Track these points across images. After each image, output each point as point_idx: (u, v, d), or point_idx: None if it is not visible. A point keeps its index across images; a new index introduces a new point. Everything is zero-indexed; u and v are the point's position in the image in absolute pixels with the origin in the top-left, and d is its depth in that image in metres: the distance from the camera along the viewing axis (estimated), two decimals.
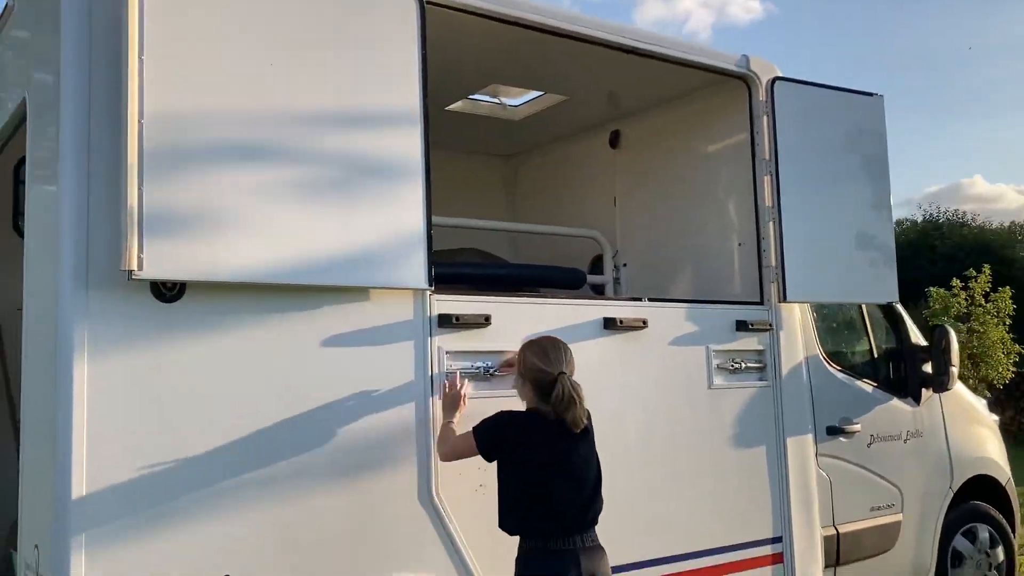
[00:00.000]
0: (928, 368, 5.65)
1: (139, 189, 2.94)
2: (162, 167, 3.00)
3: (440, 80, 4.94)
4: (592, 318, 4.18)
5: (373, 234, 3.47)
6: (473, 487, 3.71)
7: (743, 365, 4.69)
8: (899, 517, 5.40)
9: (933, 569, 5.61)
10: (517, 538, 3.45)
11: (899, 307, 5.80)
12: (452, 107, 5.50)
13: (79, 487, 2.91)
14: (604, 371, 4.19)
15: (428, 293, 3.66)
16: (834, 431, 5.13)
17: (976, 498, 5.95)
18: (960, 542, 5.85)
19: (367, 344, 3.52)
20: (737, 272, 5.08)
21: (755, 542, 4.66)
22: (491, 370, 3.82)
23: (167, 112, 3.03)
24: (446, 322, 3.70)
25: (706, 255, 5.28)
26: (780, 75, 4.96)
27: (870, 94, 5.27)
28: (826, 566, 4.96)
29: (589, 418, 3.49)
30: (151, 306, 3.08)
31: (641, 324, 4.30)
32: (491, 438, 3.41)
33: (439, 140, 6.01)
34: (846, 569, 5.10)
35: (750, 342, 4.75)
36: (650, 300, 4.50)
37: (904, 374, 5.71)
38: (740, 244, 5.06)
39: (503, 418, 3.45)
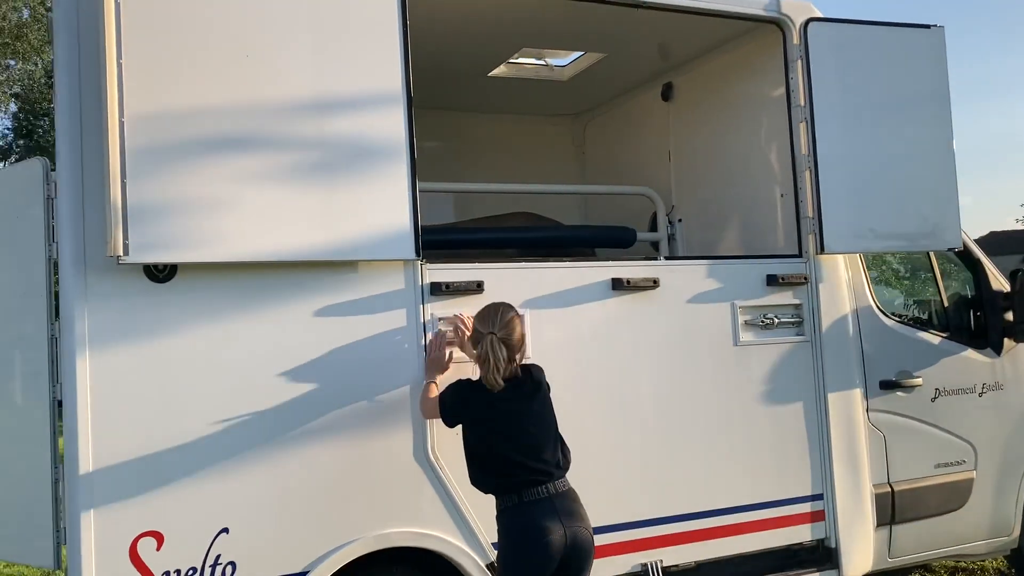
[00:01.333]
0: (1010, 316, 5.27)
1: (122, 182, 3.23)
2: (144, 161, 3.28)
3: (472, 48, 5.10)
4: (599, 279, 4.21)
5: (358, 210, 3.65)
6: None
7: (776, 320, 4.57)
8: (971, 474, 5.12)
9: (1017, 529, 5.29)
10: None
11: (979, 252, 5.43)
12: (494, 72, 5.57)
13: (86, 449, 3.28)
14: (613, 332, 4.21)
15: (419, 263, 3.81)
16: (889, 385, 4.90)
17: None
18: None
19: (359, 313, 3.73)
20: (780, 224, 4.93)
21: (793, 499, 4.58)
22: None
23: (147, 110, 3.30)
24: (438, 290, 3.84)
25: (752, 207, 5.15)
26: (816, 16, 4.72)
27: (927, 26, 4.93)
28: (879, 524, 4.79)
29: (538, 374, 3.57)
30: (145, 286, 3.40)
31: (652, 284, 4.28)
32: (447, 406, 3.56)
33: (501, 104, 6.23)
34: (907, 527, 4.89)
35: (784, 296, 4.63)
36: (666, 259, 4.47)
37: (984, 324, 5.36)
38: (782, 195, 4.90)
39: (454, 386, 3.58)
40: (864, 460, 4.75)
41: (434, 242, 4.87)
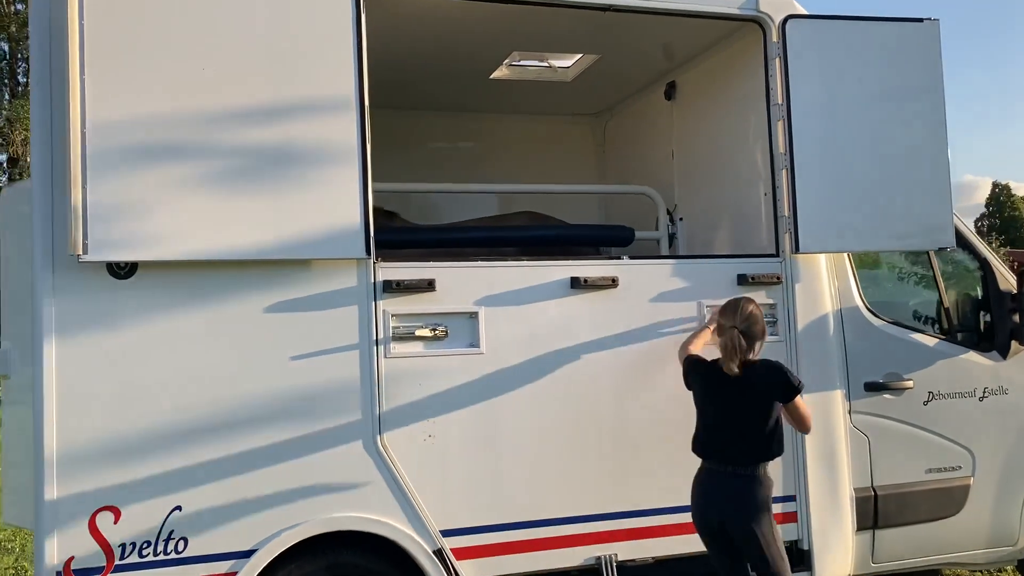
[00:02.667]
0: (1018, 319, 5.08)
1: (82, 187, 3.55)
2: (104, 166, 3.59)
3: (467, 52, 5.25)
4: (557, 278, 4.31)
5: (311, 211, 3.87)
6: (423, 437, 4.05)
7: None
8: (967, 481, 4.96)
9: (1023, 539, 5.09)
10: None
11: (987, 251, 5.25)
12: (495, 75, 5.70)
13: (51, 429, 3.61)
14: (572, 330, 4.30)
15: (372, 261, 4.00)
16: (875, 387, 4.81)
17: None
18: None
19: (312, 309, 3.94)
20: (764, 223, 4.90)
21: None
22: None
23: (107, 119, 3.60)
24: (390, 287, 4.03)
25: (745, 206, 5.12)
26: (796, 13, 4.68)
27: (920, 20, 4.81)
28: (861, 528, 4.71)
29: (769, 374, 3.95)
30: (108, 283, 3.71)
31: (610, 283, 4.34)
32: (687, 372, 4.15)
33: (522, 105, 6.36)
34: (892, 533, 4.80)
35: (757, 296, 4.60)
36: (631, 258, 4.52)
37: (991, 325, 5.18)
38: (765, 194, 4.87)
39: (697, 360, 4.14)
40: (843, 463, 4.68)
41: (424, 241, 5.12)
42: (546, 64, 5.85)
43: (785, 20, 4.63)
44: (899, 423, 4.86)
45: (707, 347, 4.27)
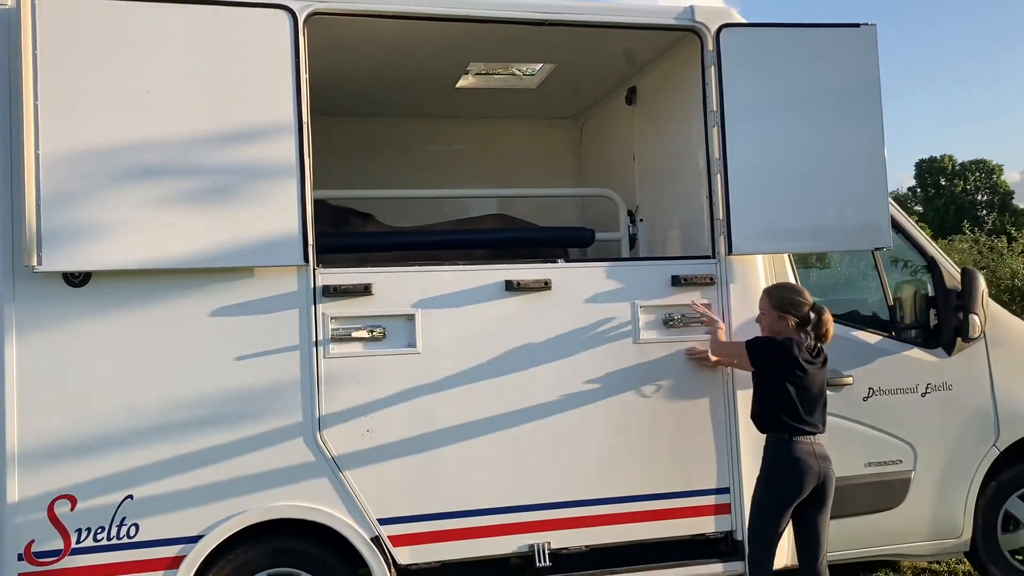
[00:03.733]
0: (962, 316, 5.17)
1: (36, 203, 3.87)
2: (56, 183, 3.90)
3: (427, 65, 5.49)
4: (492, 281, 4.54)
5: (252, 222, 4.15)
6: (361, 432, 4.32)
7: (681, 319, 4.74)
8: (908, 474, 5.08)
9: (967, 531, 5.19)
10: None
11: (934, 250, 5.35)
12: (460, 84, 5.93)
13: (11, 424, 3.95)
14: (507, 331, 4.53)
15: (311, 267, 4.27)
16: None
17: None
18: (1016, 505, 5.32)
19: (255, 313, 4.23)
20: (705, 226, 5.06)
21: (697, 491, 4.75)
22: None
23: (60, 141, 3.91)
24: (329, 292, 4.30)
25: (690, 208, 5.28)
26: (732, 22, 4.83)
27: (857, 25, 4.92)
28: None
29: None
30: (64, 291, 4.04)
31: (543, 285, 4.56)
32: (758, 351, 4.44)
33: (497, 110, 6.58)
34: (833, 524, 4.92)
35: (693, 296, 4.78)
36: (565, 261, 4.72)
37: (937, 323, 5.28)
38: (707, 197, 5.02)
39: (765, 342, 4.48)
40: None
41: (382, 245, 5.38)
42: (511, 72, 6.07)
43: (720, 29, 4.79)
44: (838, 418, 4.97)
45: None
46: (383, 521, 4.33)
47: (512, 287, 4.53)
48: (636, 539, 4.65)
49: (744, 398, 4.78)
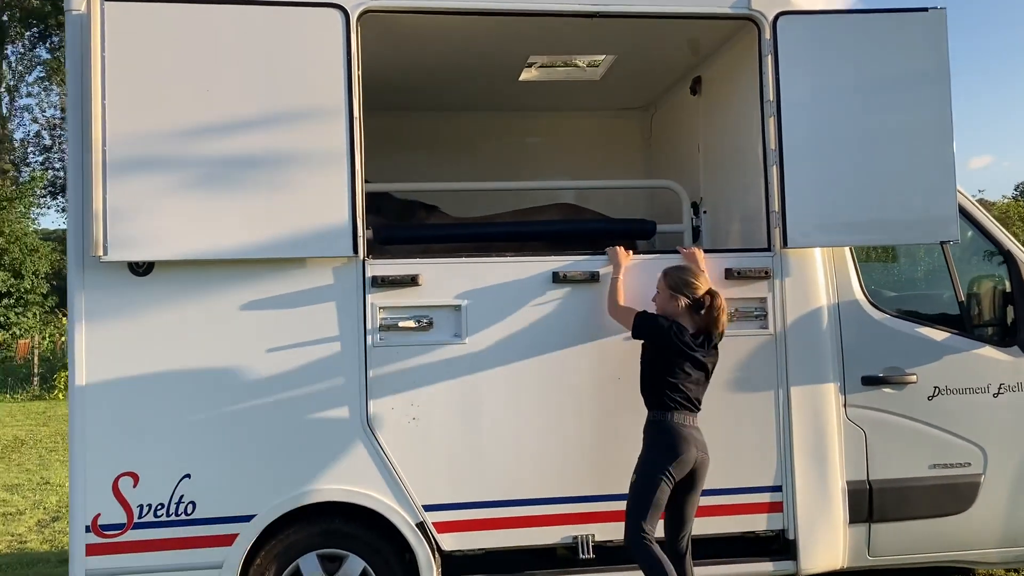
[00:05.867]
0: None
1: (103, 196, 4.11)
2: (122, 178, 4.13)
3: (486, 60, 5.55)
4: (538, 272, 4.56)
5: (304, 215, 4.31)
6: (407, 419, 4.42)
7: (735, 313, 4.65)
8: (977, 478, 4.87)
9: None
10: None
11: (1011, 243, 5.11)
12: (523, 77, 5.96)
13: (81, 406, 4.22)
14: (553, 322, 4.55)
15: (361, 259, 4.39)
16: (874, 381, 4.80)
17: None
18: None
19: (307, 303, 4.38)
20: (762, 218, 4.95)
21: (748, 488, 4.69)
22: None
23: (125, 134, 4.15)
24: (378, 283, 4.41)
25: (752, 200, 5.18)
26: (790, 9, 4.71)
27: (925, 9, 4.73)
28: (854, 521, 4.75)
29: None
30: (129, 279, 4.28)
31: (589, 278, 4.56)
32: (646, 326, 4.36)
33: (565, 102, 6.60)
34: (890, 527, 4.79)
35: (748, 290, 4.70)
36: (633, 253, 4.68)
37: (1015, 320, 5.04)
38: (764, 189, 4.92)
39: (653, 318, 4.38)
40: (835, 455, 4.72)
41: (442, 236, 5.48)
42: (573, 64, 6.07)
43: (777, 16, 4.68)
44: (900, 417, 4.83)
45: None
46: (428, 507, 4.43)
47: (559, 279, 4.55)
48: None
49: (798, 395, 4.69)
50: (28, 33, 37.26)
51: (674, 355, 4.22)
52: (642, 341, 4.34)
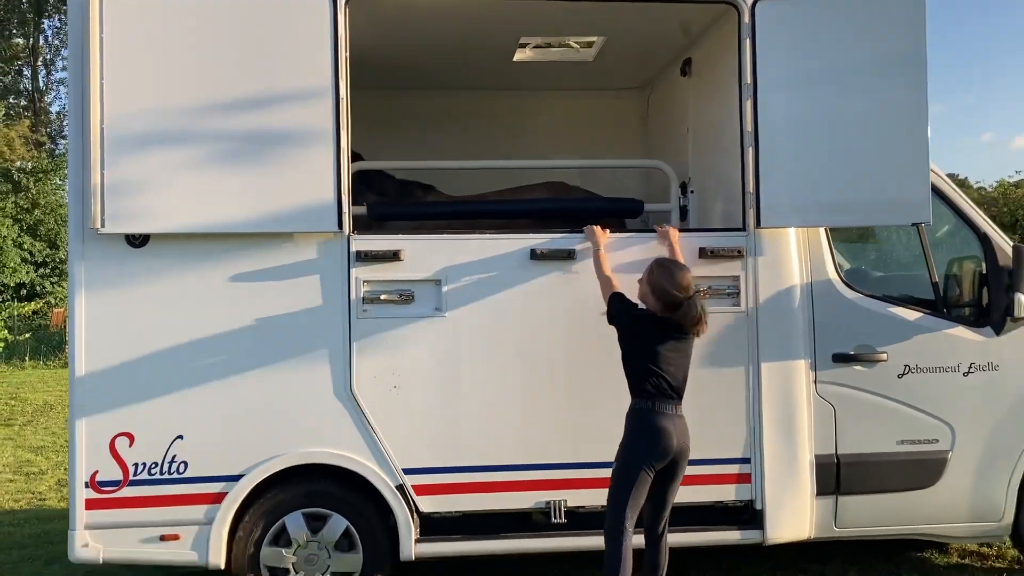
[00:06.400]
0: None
1: (101, 171, 4.35)
2: (119, 155, 4.37)
3: (479, 40, 5.70)
4: (517, 248, 4.74)
5: (292, 191, 4.51)
6: (389, 388, 4.63)
7: (708, 291, 4.79)
8: (944, 454, 5.00)
9: (1009, 515, 5.07)
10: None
11: (987, 225, 5.19)
12: (517, 58, 6.10)
13: (80, 370, 4.47)
14: (531, 299, 4.72)
15: (346, 234, 4.59)
16: (845, 358, 4.93)
17: None
18: None
19: (295, 275, 4.60)
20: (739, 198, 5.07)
21: (718, 460, 4.84)
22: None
23: (122, 114, 4.38)
24: (361, 257, 4.61)
25: (732, 181, 5.30)
26: None
27: None
28: (821, 493, 4.89)
29: None
30: (126, 251, 4.52)
31: (566, 255, 4.72)
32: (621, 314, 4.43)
33: (560, 82, 6.73)
34: (857, 500, 4.93)
35: (721, 268, 4.83)
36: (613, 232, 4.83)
37: (989, 301, 5.13)
38: (741, 170, 5.04)
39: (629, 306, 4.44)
40: (804, 429, 4.87)
41: (429, 214, 5.66)
42: (566, 45, 6.18)
43: (755, 1, 4.78)
44: (870, 394, 4.95)
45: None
46: (407, 471, 4.65)
47: (537, 256, 4.72)
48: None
49: (769, 371, 4.84)
50: (65, 7, 37.80)
51: (646, 346, 4.28)
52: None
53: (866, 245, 5.83)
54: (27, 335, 22.70)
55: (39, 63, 39.01)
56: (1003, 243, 5.17)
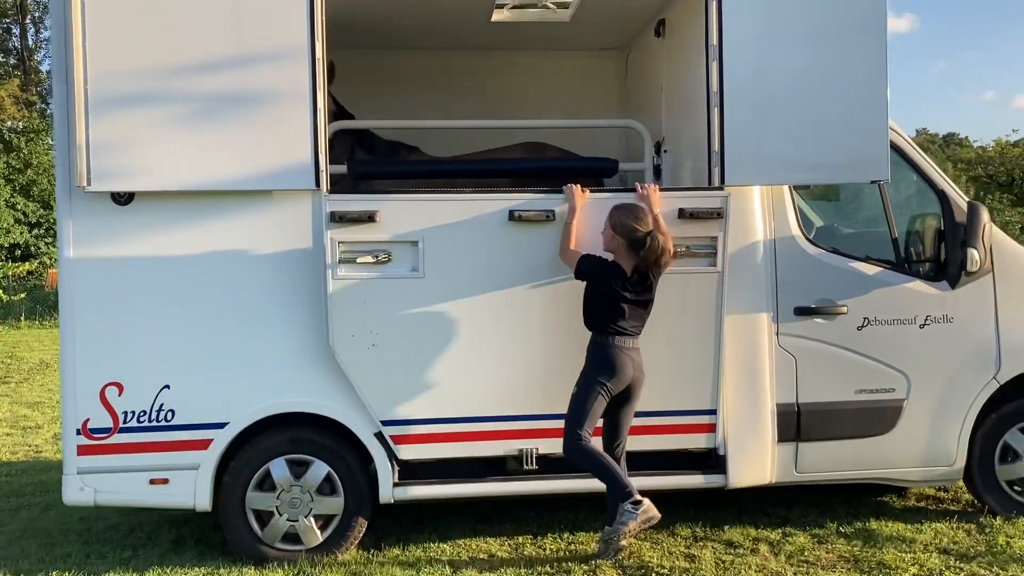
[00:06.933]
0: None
1: (86, 131, 4.49)
2: (102, 115, 4.51)
3: (459, 1, 5.80)
4: (496, 210, 4.89)
5: (270, 150, 4.66)
6: (367, 345, 4.82)
7: (685, 250, 4.95)
8: (900, 403, 5.23)
9: (960, 460, 5.32)
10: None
11: (945, 183, 5.38)
12: (495, 18, 6.20)
13: (70, 321, 4.67)
14: (508, 259, 4.89)
15: (323, 193, 4.75)
16: (806, 311, 5.14)
17: None
18: (1016, 437, 5.40)
19: (274, 232, 4.77)
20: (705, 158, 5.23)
21: (687, 411, 5.06)
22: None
23: (104, 74, 4.50)
24: (336, 218, 4.76)
25: (699, 140, 5.44)
26: None
27: None
28: (783, 440, 5.13)
29: None
30: (111, 208, 4.68)
31: (545, 217, 4.88)
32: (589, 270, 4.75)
33: (541, 43, 6.85)
34: (816, 446, 5.17)
35: (700, 229, 4.97)
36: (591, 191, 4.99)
37: (946, 256, 5.33)
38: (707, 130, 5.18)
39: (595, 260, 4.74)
40: (766, 379, 5.09)
41: (408, 173, 5.81)
42: (543, 5, 6.29)
43: None
44: (830, 345, 5.17)
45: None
46: (386, 422, 4.86)
47: (515, 217, 4.87)
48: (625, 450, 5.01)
49: (733, 324, 5.04)
50: None
51: (611, 296, 4.58)
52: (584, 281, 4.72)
53: (840, 204, 6.01)
54: (22, 295, 22.87)
55: (28, 21, 38.72)
56: (959, 200, 5.35)
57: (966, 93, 78.48)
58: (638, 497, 4.56)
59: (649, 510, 4.55)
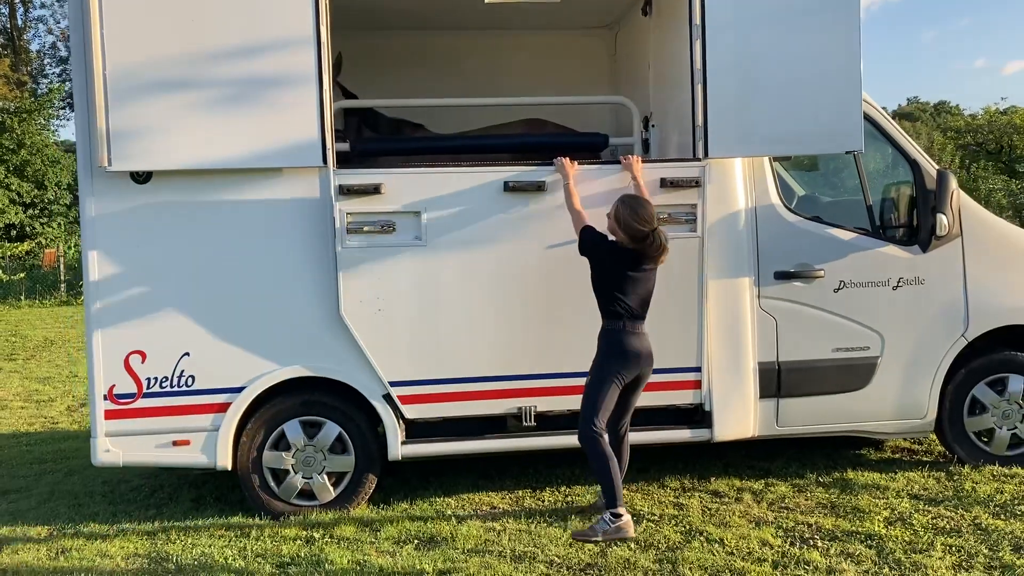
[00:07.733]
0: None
1: (106, 115, 4.77)
2: (121, 97, 4.78)
3: None
4: (492, 181, 5.20)
5: (280, 128, 4.95)
6: (374, 310, 5.14)
7: (667, 217, 5.27)
8: (874, 360, 5.57)
9: (932, 413, 5.67)
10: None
11: (917, 152, 5.69)
12: (490, 0, 6.47)
13: (94, 292, 4.97)
14: (505, 227, 5.20)
15: (331, 169, 5.05)
16: (785, 276, 5.46)
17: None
18: (983, 391, 5.74)
19: (285, 207, 5.07)
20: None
21: (674, 368, 5.39)
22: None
23: (122, 61, 4.78)
24: (344, 191, 5.07)
25: (684, 114, 5.74)
26: None
27: None
28: (764, 396, 5.47)
29: None
30: (131, 186, 4.97)
31: (536, 187, 5.19)
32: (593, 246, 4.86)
33: (534, 20, 7.10)
34: (796, 401, 5.51)
35: (680, 197, 5.30)
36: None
37: (917, 222, 5.66)
38: (691, 105, 5.48)
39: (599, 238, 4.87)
40: (748, 339, 5.43)
41: (410, 149, 6.10)
42: None
43: None
44: (808, 307, 5.50)
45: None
46: (393, 384, 5.19)
47: (509, 188, 5.18)
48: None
49: (717, 288, 5.36)
50: None
51: (615, 273, 4.74)
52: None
53: (821, 174, 6.32)
54: (22, 275, 23.10)
55: (16, 1, 38.58)
56: (930, 168, 5.67)
57: (957, 60, 78.72)
58: (621, 511, 4.63)
59: (625, 528, 4.61)
